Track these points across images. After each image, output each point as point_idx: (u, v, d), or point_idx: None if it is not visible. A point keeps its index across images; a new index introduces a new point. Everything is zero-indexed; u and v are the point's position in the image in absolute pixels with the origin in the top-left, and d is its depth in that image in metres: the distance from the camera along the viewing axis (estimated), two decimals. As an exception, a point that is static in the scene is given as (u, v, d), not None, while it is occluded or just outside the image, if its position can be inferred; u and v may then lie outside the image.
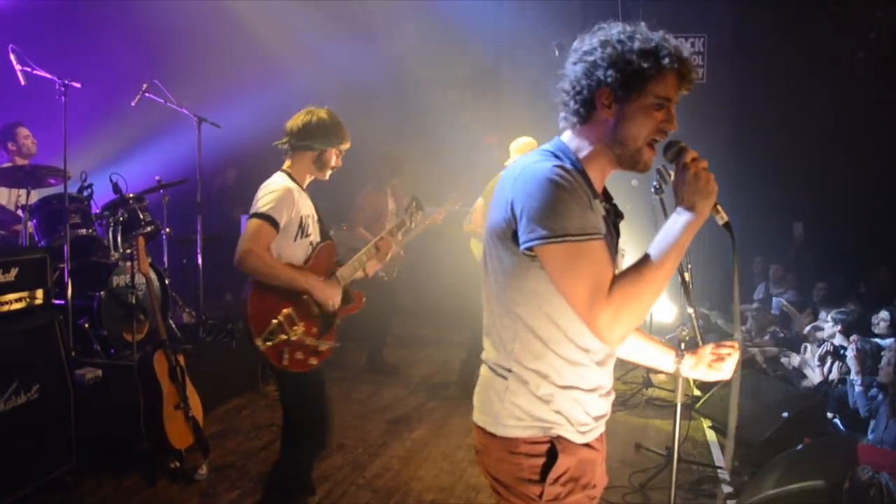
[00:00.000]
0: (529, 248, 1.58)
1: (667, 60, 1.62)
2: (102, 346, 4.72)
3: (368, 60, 8.42)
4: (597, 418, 1.77)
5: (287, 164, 3.20)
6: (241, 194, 6.77)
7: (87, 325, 4.67)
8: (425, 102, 8.44)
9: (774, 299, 7.53)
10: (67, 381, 3.63)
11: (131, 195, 5.19)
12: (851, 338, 4.94)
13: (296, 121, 3.16)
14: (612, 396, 1.83)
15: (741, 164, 8.38)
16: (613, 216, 1.78)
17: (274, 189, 3.03)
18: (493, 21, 8.76)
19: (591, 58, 1.66)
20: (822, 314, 5.96)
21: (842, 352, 5.13)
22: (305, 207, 3.14)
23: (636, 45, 1.62)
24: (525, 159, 1.70)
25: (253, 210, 2.99)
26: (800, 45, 8.11)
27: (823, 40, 8.11)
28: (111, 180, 5.16)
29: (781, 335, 6.34)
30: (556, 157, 1.68)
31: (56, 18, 6.62)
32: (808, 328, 5.95)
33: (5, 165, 5.10)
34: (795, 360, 5.64)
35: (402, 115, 8.59)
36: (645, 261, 1.58)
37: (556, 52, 7.73)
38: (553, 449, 1.70)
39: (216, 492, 3.83)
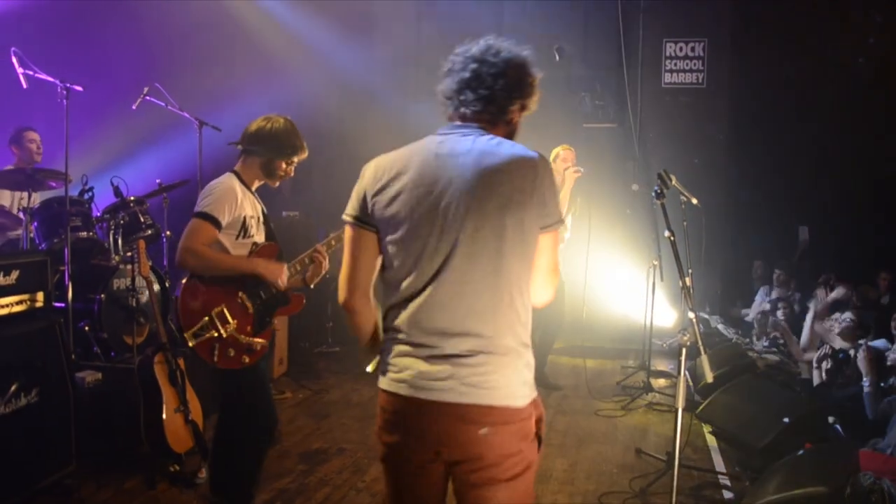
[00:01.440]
0: (548, 229, 1.85)
1: None
2: (103, 349, 4.71)
3: (369, 62, 8.44)
4: None
5: (239, 164, 3.26)
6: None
7: (87, 328, 4.67)
8: (426, 104, 8.42)
9: (771, 318, 7.41)
10: (68, 383, 3.63)
11: (132, 198, 5.19)
12: (860, 341, 4.93)
13: (252, 125, 3.22)
14: None
15: (742, 167, 8.38)
16: None
17: (216, 189, 3.09)
18: (495, 22, 8.77)
19: (515, 73, 1.88)
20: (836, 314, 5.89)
21: (840, 356, 5.12)
22: (249, 208, 3.18)
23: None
24: (512, 145, 1.88)
25: (195, 209, 3.05)
26: (800, 49, 8.11)
27: (824, 44, 8.11)
28: (112, 184, 5.18)
29: (782, 341, 6.32)
30: None
31: (58, 21, 6.63)
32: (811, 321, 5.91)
33: (8, 168, 5.11)
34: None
35: (402, 116, 8.59)
36: None
37: (557, 56, 7.76)
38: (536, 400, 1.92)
39: (216, 495, 3.82)
